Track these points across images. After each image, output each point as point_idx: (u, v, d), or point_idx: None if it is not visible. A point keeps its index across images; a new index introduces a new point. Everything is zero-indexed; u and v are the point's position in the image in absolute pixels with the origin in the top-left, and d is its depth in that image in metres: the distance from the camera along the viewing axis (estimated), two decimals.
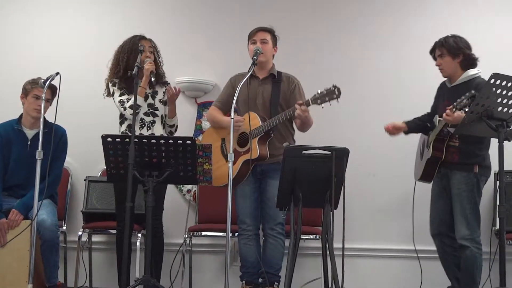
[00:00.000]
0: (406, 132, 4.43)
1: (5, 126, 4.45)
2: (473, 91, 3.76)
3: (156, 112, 4.40)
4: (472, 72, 4.13)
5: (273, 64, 4.45)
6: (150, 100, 4.40)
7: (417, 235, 4.67)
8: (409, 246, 4.57)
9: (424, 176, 4.27)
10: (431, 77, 4.41)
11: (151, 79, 4.16)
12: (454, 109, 3.85)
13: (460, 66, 4.15)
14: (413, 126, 4.41)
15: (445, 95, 4.23)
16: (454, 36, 4.19)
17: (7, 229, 4.14)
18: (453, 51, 4.13)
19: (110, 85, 4.42)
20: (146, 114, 4.37)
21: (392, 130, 4.41)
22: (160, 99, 4.44)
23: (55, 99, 4.25)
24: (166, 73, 4.55)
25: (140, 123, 4.34)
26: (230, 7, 5.48)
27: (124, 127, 4.39)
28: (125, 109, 4.30)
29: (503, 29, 5.26)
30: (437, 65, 4.21)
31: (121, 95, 4.36)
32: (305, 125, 4.31)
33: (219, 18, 5.47)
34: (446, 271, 4.30)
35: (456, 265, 4.21)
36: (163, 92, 4.44)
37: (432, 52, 4.27)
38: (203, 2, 5.53)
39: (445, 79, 4.29)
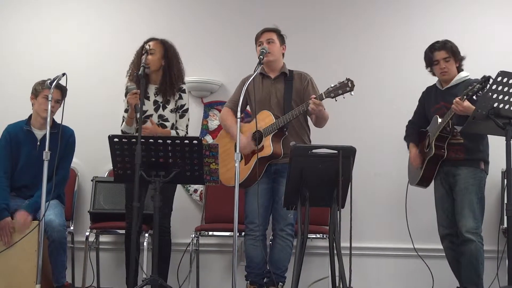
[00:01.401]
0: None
1: (14, 127, 4.45)
2: (485, 75, 3.83)
3: (166, 123, 4.32)
4: (464, 74, 4.28)
5: (283, 63, 4.42)
6: (160, 111, 4.33)
7: (424, 234, 4.67)
8: (417, 245, 4.55)
9: (423, 179, 4.29)
10: (436, 78, 4.39)
11: (135, 110, 4.07)
12: (464, 97, 3.92)
13: (457, 69, 4.28)
14: (417, 140, 4.42)
15: (438, 97, 4.30)
16: (450, 41, 4.27)
17: (12, 229, 4.14)
18: (457, 55, 4.25)
19: (125, 88, 4.35)
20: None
21: (420, 158, 4.35)
22: (171, 109, 4.33)
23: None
24: None
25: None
26: (237, 6, 5.48)
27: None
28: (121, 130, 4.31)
29: (503, 29, 5.26)
30: (442, 68, 4.24)
31: (125, 110, 4.33)
32: (320, 120, 4.27)
33: (225, 18, 5.47)
34: (456, 271, 4.29)
35: None
36: (175, 101, 4.34)
37: (431, 54, 4.27)
38: (209, 2, 5.53)
39: (429, 84, 4.40)
